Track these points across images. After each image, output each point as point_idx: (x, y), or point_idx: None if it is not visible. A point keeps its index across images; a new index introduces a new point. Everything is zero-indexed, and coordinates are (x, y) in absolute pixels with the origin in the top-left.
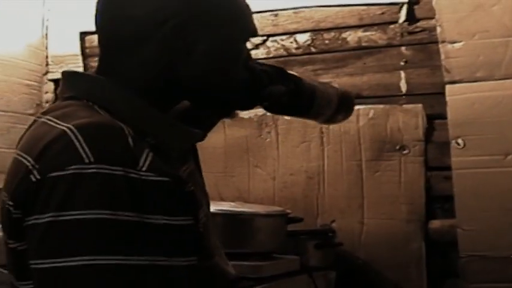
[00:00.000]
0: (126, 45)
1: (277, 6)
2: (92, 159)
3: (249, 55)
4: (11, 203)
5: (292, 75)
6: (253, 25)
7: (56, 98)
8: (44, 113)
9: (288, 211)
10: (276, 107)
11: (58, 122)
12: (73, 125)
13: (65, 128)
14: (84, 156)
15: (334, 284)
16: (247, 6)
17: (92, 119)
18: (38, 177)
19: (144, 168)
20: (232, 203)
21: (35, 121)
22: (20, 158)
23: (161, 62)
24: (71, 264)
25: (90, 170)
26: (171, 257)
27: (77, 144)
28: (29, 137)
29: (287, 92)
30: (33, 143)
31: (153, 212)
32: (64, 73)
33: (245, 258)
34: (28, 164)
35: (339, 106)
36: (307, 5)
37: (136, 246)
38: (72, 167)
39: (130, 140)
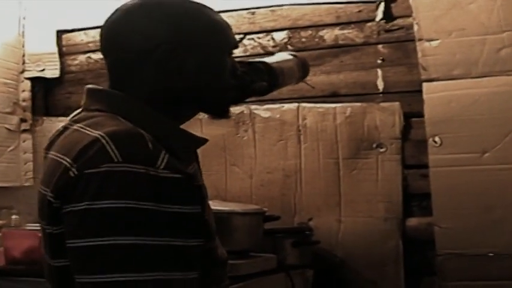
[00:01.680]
0: (128, 68)
1: (254, 4)
2: (120, 160)
3: (235, 64)
4: (51, 194)
5: (263, 64)
6: (234, 39)
7: (34, 97)
8: (75, 122)
9: (265, 209)
10: (260, 94)
11: (90, 130)
12: (104, 133)
13: (97, 135)
14: (114, 157)
15: (312, 282)
16: (226, 23)
17: (118, 128)
18: (76, 173)
19: (161, 167)
20: (209, 202)
21: (65, 128)
22: (58, 158)
23: (160, 80)
24: (102, 243)
25: (119, 168)
26: (183, 239)
27: (108, 148)
28: (64, 142)
29: (266, 85)
30: (69, 146)
31: (168, 202)
32: (89, 89)
33: None
34: (66, 163)
35: (300, 74)
36: (284, 3)
37: (155, 229)
38: (105, 165)
39: (150, 144)
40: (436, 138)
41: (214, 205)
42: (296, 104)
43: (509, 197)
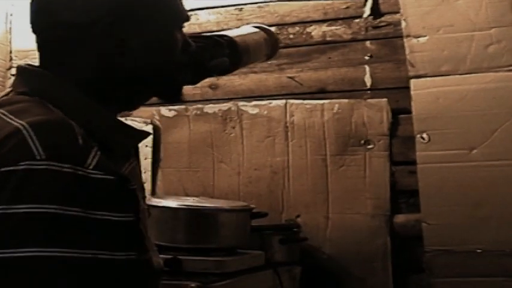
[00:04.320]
0: (62, 47)
1: (242, 1)
2: (43, 156)
3: (186, 40)
4: None
5: (225, 38)
6: (184, 12)
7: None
8: None
9: (252, 206)
10: (221, 73)
11: (13, 118)
12: (27, 123)
13: (19, 125)
14: (36, 153)
15: (300, 279)
16: None
17: (45, 117)
18: None
19: (91, 167)
20: (196, 198)
21: None
22: None
23: (97, 60)
24: (17, 255)
25: (40, 166)
26: (112, 251)
27: (30, 141)
28: None
29: (228, 61)
30: None
31: (97, 208)
32: (19, 68)
33: (209, 253)
34: None
35: (268, 49)
36: None
37: (80, 240)
38: (24, 162)
39: (80, 138)
40: (424, 135)
41: (201, 202)
42: (284, 101)
43: (497, 193)
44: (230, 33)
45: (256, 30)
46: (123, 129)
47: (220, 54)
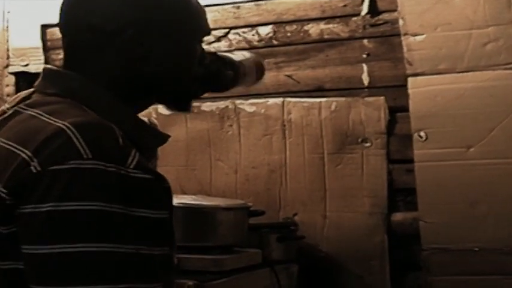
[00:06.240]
0: (88, 50)
1: None
2: (89, 156)
3: (203, 53)
4: (4, 190)
5: (225, 58)
6: (206, 25)
7: (17, 91)
8: (30, 106)
9: (250, 204)
10: (222, 89)
11: (52, 118)
12: (69, 123)
13: (61, 125)
14: (82, 152)
15: (297, 277)
16: (199, 7)
17: (85, 118)
18: (39, 169)
19: (131, 166)
20: (193, 196)
21: (17, 112)
22: (12, 148)
23: (122, 65)
24: (69, 250)
25: (88, 166)
26: (150, 246)
27: (75, 141)
28: (19, 129)
29: (232, 74)
30: (26, 135)
31: (137, 205)
32: (46, 69)
33: (206, 251)
34: (25, 156)
35: (257, 74)
36: None
37: (124, 235)
38: (72, 161)
39: (120, 139)
40: (421, 133)
41: (199, 200)
42: (281, 99)
43: (494, 191)
44: (227, 55)
45: (248, 55)
46: (149, 131)
47: (225, 68)
